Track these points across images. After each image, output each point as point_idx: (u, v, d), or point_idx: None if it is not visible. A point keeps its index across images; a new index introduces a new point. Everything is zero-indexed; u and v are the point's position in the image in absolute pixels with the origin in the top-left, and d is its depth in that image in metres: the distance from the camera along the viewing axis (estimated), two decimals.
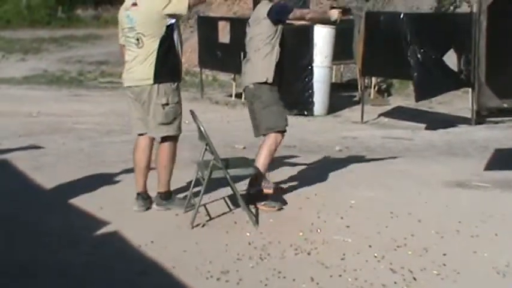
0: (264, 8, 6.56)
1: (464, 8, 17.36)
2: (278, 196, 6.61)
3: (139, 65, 6.05)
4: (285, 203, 6.54)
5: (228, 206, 6.48)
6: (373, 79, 15.22)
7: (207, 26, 15.77)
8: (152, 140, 6.31)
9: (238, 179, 6.34)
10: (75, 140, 9.93)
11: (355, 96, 15.38)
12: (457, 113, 13.07)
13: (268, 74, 6.47)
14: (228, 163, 6.11)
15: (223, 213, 6.32)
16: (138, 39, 6.03)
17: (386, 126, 12.37)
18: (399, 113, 13.54)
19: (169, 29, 6.00)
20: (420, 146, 10.04)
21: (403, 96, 15.15)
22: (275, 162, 7.68)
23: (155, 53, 5.99)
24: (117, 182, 7.39)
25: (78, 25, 35.44)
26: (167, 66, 6.04)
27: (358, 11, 17.29)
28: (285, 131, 6.52)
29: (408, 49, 11.19)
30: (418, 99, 11.85)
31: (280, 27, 6.56)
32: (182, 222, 6.06)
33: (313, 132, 11.25)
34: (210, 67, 15.89)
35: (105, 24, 36.30)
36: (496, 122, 11.40)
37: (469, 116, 11.83)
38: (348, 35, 15.44)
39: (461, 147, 9.87)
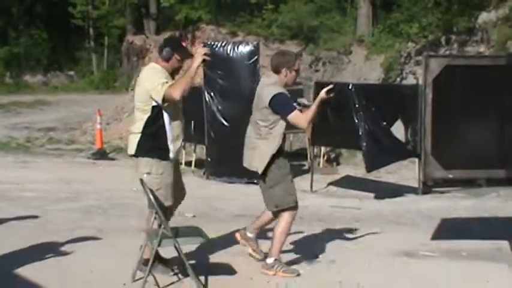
0: (266, 92, 6.41)
1: (410, 80, 17.76)
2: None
3: (132, 136, 6.31)
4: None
5: (177, 276, 6.41)
6: (322, 148, 15.35)
7: None
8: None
9: (188, 247, 6.30)
10: (22, 208, 9.75)
11: (304, 165, 15.46)
12: (404, 182, 13.23)
13: (260, 165, 6.47)
14: (177, 232, 6.07)
15: (171, 283, 6.26)
16: (135, 112, 6.33)
17: (336, 195, 12.44)
18: (348, 182, 13.65)
19: (157, 109, 6.13)
20: (368, 215, 10.11)
21: (352, 165, 15.29)
22: (227, 232, 7.70)
23: (141, 127, 6.19)
24: (64, 251, 7.27)
25: (26, 91, 35.13)
26: (150, 142, 6.18)
27: (308, 81, 17.54)
28: (295, 206, 6.57)
29: (357, 119, 11.36)
30: (369, 170, 11.98)
31: None
32: None
33: None
34: None
35: (54, 90, 36.11)
36: (442, 192, 11.58)
37: (415, 185, 11.99)
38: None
39: (409, 217, 9.97)
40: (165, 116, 6.17)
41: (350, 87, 11.78)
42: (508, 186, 7.80)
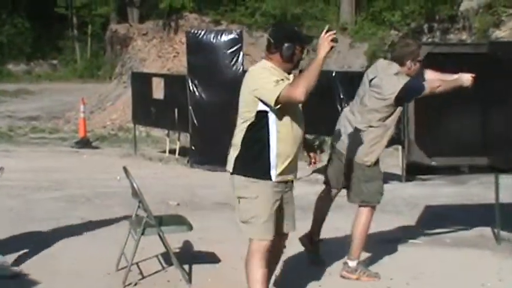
0: (390, 82, 5.94)
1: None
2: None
3: (231, 149, 5.15)
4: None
5: (161, 264, 6.42)
6: (306, 136, 15.35)
7: (140, 82, 15.74)
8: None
9: (171, 235, 6.30)
10: (4, 198, 9.71)
11: None
12: (387, 169, 13.23)
13: (372, 158, 6.19)
14: (161, 220, 6.07)
15: (156, 272, 6.26)
16: (237, 118, 5.11)
17: (320, 183, 12.33)
18: None
19: (262, 115, 4.91)
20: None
21: None
22: (211, 220, 7.68)
23: (241, 138, 5.00)
24: (48, 240, 7.25)
25: (9, 79, 34.97)
26: (249, 157, 4.98)
27: None
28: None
29: (340, 107, 11.37)
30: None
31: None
32: (114, 281, 5.98)
33: None
34: (143, 123, 15.82)
35: (37, 79, 35.95)
36: (425, 179, 11.63)
37: (399, 172, 12.02)
38: None
39: (392, 204, 9.99)
40: (272, 123, 4.94)
41: (333, 75, 11.80)
42: (490, 174, 7.84)
